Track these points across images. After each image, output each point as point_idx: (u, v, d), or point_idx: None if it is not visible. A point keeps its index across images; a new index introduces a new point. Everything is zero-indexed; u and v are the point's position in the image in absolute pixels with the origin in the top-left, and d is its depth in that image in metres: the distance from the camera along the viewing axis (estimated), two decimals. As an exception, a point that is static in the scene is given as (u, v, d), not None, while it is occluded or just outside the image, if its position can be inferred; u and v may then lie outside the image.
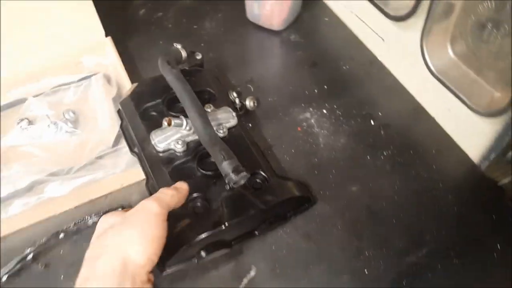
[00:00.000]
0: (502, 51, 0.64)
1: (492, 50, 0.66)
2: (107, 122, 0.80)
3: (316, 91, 0.86)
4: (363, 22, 0.93)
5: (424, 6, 0.71)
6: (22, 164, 0.73)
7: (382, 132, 0.79)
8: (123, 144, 0.76)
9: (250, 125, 0.81)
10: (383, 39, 0.88)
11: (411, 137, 0.78)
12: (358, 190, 0.71)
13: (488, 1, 0.64)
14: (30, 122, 0.79)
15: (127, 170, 0.73)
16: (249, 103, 0.81)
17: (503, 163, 0.75)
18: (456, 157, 0.76)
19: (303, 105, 0.84)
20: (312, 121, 0.82)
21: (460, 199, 0.70)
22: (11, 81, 0.85)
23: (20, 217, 0.67)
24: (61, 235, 0.65)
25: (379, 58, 0.91)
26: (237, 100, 0.81)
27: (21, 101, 0.83)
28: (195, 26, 1.00)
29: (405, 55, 0.82)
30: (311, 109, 0.83)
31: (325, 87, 0.87)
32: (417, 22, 0.74)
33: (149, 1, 1.06)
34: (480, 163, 0.74)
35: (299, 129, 0.81)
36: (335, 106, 0.83)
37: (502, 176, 0.80)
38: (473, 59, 0.70)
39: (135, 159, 0.73)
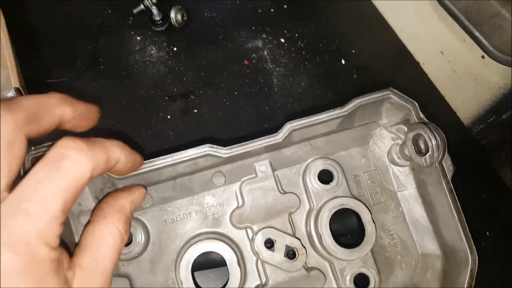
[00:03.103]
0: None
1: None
2: None
3: (272, 10, 0.63)
4: None
5: None
6: None
7: (355, 76, 0.59)
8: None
9: (175, 49, 0.57)
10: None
11: (388, 86, 0.59)
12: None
13: None
14: None
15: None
16: (174, 15, 0.56)
17: (497, 125, 0.60)
18: (441, 115, 0.60)
19: (253, 28, 0.61)
20: (265, 53, 0.59)
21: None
22: None
23: None
24: None
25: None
26: (154, 10, 0.55)
27: None
28: None
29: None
30: (264, 35, 0.60)
31: (285, 6, 0.63)
32: None
33: None
34: (472, 126, 0.58)
35: (245, 62, 0.58)
36: (296, 35, 0.61)
37: (491, 140, 0.66)
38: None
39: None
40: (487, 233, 0.53)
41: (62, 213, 0.24)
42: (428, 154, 0.38)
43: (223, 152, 0.38)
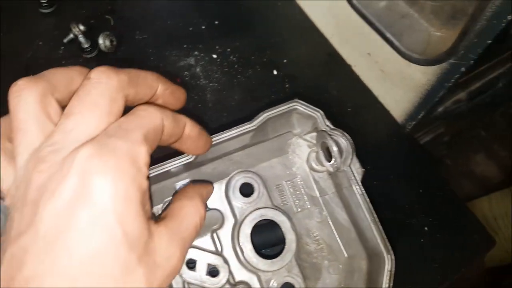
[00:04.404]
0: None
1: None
2: None
3: (203, 27, 0.64)
4: None
5: None
6: None
7: (287, 86, 0.60)
8: None
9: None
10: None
11: (321, 92, 0.61)
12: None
13: None
14: None
15: None
16: (103, 41, 0.57)
17: (429, 120, 0.61)
18: (376, 115, 0.61)
19: (185, 46, 0.62)
20: (198, 69, 0.60)
21: (382, 168, 0.55)
22: None
23: None
24: None
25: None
26: (81, 38, 0.56)
27: None
28: None
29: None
30: (196, 52, 0.61)
31: (216, 22, 0.65)
32: None
33: None
34: (405, 123, 0.59)
35: (178, 80, 0.59)
36: (228, 50, 0.62)
37: (425, 135, 0.67)
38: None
39: None
40: (426, 228, 0.54)
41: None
42: (332, 160, 0.39)
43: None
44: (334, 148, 0.39)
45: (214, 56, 0.61)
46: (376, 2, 0.55)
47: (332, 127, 0.42)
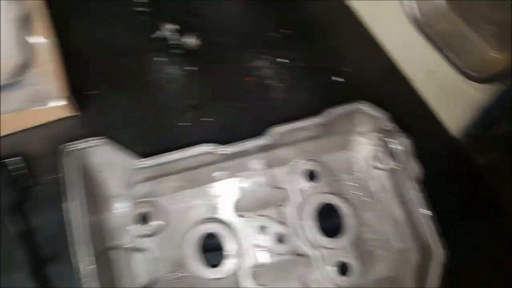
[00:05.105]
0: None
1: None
2: (6, 49, 0.62)
3: (276, 34, 0.71)
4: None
5: None
6: None
7: (347, 92, 0.66)
8: (28, 77, 0.59)
9: (189, 68, 0.66)
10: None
11: (379, 101, 0.65)
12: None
13: None
14: None
15: (29, 109, 0.56)
16: (188, 40, 0.65)
17: (486, 139, 0.64)
18: (432, 129, 0.65)
19: (258, 50, 0.69)
20: (270, 71, 0.67)
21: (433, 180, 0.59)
22: None
23: None
24: None
25: (352, 4, 0.77)
26: (169, 35, 0.65)
27: None
28: None
29: (388, 8, 0.67)
30: (268, 56, 0.68)
31: (286, 31, 0.72)
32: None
33: None
34: (460, 138, 0.63)
35: (251, 78, 0.66)
36: (297, 55, 0.69)
37: (482, 154, 0.70)
38: (468, 7, 0.56)
39: (39, 96, 0.57)
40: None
41: None
42: (394, 160, 0.44)
43: (223, 150, 0.46)
44: (398, 148, 0.44)
45: (284, 60, 0.68)
46: (439, 23, 0.60)
47: (396, 129, 0.47)
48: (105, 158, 0.47)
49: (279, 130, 0.45)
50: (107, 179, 0.48)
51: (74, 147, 0.45)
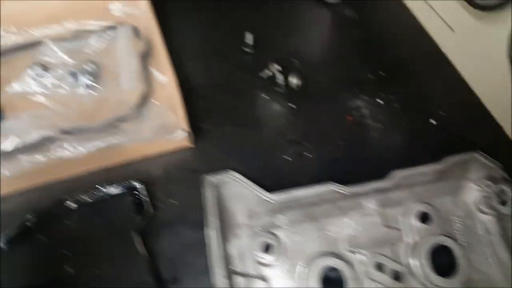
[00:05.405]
0: None
1: None
2: (130, 82, 0.70)
3: (369, 75, 0.76)
4: (430, 6, 0.81)
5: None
6: (31, 114, 0.63)
7: (441, 135, 0.69)
8: (150, 109, 0.66)
9: (291, 105, 0.71)
10: (453, 30, 0.77)
11: (469, 145, 0.68)
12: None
13: None
14: (45, 68, 0.69)
15: (151, 140, 0.63)
16: (292, 80, 0.71)
17: None
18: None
19: (354, 90, 0.74)
20: (365, 111, 0.72)
21: None
22: (29, 20, 0.74)
23: (23, 176, 0.58)
24: (68, 204, 0.56)
25: (444, 50, 0.81)
26: (278, 75, 0.71)
27: (37, 43, 0.72)
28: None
29: (480, 52, 0.71)
30: (364, 96, 0.73)
31: (381, 73, 0.76)
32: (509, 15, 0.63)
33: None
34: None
35: (349, 118, 0.71)
36: (392, 97, 0.73)
37: None
38: None
39: (161, 128, 0.63)
40: None
41: None
42: (507, 206, 0.47)
43: (345, 190, 0.51)
44: (506, 195, 0.47)
45: (379, 100, 0.73)
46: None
47: (505, 177, 0.50)
48: (236, 189, 0.52)
49: (401, 174, 0.50)
50: (235, 208, 0.53)
51: (212, 177, 0.51)
